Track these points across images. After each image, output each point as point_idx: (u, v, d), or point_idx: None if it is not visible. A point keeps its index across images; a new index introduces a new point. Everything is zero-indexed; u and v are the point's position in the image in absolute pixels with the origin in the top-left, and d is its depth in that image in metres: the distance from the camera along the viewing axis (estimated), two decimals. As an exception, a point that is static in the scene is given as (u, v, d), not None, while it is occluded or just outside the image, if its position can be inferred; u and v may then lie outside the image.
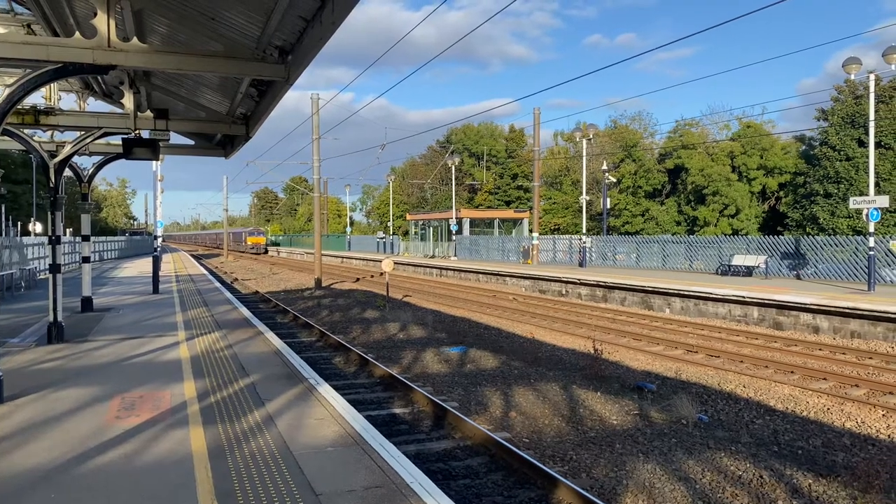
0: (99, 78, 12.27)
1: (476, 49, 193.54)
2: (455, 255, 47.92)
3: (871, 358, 14.64)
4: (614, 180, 55.53)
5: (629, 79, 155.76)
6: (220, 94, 13.16)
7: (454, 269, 39.79)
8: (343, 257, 61.70)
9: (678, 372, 13.56)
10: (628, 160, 61.87)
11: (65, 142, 13.55)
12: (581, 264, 34.14)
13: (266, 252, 79.38)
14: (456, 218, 47.58)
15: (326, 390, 8.58)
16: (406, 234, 69.33)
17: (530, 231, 43.13)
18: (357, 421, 7.18)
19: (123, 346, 11.98)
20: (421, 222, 58.18)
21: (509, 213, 54.93)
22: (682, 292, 22.07)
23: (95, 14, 7.77)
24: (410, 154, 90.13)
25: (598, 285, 26.42)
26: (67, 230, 41.12)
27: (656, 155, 63.87)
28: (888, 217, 39.86)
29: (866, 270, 20.59)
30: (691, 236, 43.46)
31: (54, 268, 12.50)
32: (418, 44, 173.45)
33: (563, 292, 28.49)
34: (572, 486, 6.80)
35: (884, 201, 20.76)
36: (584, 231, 37.37)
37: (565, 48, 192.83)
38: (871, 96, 21.84)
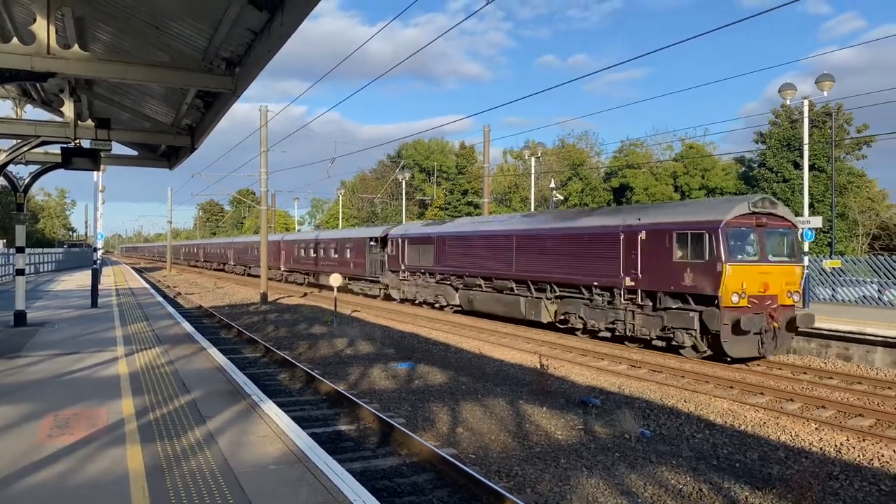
0: (38, 85, 11.91)
1: (430, 66, 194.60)
2: (404, 271, 47.71)
3: (805, 373, 15.17)
4: (562, 198, 56.36)
5: (579, 99, 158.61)
6: (165, 105, 12.92)
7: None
8: (291, 272, 60.66)
9: (622, 387, 13.79)
10: (575, 178, 62.97)
11: (-1, 150, 13.08)
12: (529, 280, 34.42)
13: None
14: (405, 233, 47.40)
15: (270, 407, 8.44)
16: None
17: (479, 247, 43.29)
18: (301, 438, 7.08)
19: (58, 361, 11.55)
20: (370, 237, 57.80)
21: (459, 229, 55.03)
22: (626, 308, 22.41)
23: (34, 20, 7.57)
24: (361, 168, 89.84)
25: (545, 301, 26.62)
26: (0, 241, 39.58)
27: (602, 174, 65.20)
28: (822, 237, 41.45)
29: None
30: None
31: (-15, 280, 12.01)
32: (374, 60, 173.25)
33: (512, 308, 28.63)
34: (517, 501, 6.84)
35: (817, 222, 21.62)
36: (532, 247, 37.68)
37: (518, 67, 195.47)
38: (806, 121, 22.79)
